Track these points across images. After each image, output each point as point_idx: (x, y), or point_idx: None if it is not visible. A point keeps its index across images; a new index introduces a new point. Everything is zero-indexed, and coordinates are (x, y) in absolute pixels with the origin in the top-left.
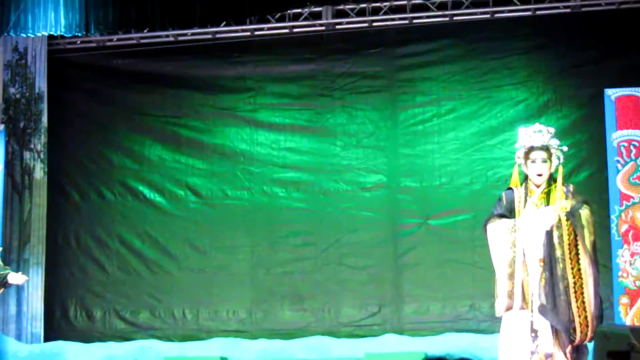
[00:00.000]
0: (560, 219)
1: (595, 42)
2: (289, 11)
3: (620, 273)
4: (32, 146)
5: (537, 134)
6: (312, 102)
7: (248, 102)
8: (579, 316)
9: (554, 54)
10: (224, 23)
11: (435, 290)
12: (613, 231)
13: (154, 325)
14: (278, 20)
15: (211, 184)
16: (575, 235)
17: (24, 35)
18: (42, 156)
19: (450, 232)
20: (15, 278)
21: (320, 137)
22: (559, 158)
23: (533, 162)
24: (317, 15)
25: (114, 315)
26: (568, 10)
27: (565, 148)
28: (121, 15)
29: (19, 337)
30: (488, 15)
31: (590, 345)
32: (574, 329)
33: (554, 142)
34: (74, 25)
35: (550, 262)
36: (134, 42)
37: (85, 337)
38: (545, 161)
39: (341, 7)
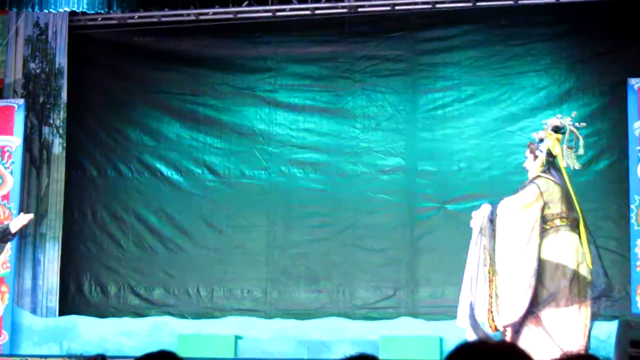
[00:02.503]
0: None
1: (619, 30)
2: None
3: (638, 263)
4: (51, 121)
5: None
6: (332, 84)
7: (268, 82)
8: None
9: (577, 42)
10: (246, 3)
11: (451, 274)
12: (632, 220)
13: (168, 302)
14: (300, 2)
15: (229, 163)
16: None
17: (46, 11)
18: (60, 131)
19: (468, 217)
20: (17, 223)
21: (339, 119)
22: (541, 152)
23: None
24: None
25: (129, 291)
26: None
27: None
28: None
29: (34, 311)
30: (511, 2)
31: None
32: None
33: (537, 136)
34: (96, 2)
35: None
36: (155, 20)
37: (100, 312)
38: (526, 158)
39: None
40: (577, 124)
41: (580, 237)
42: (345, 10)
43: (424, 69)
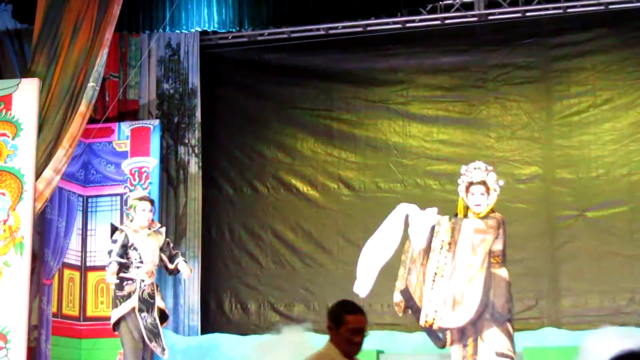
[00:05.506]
0: None
1: None
2: (440, 2)
3: None
4: (186, 141)
5: (476, 170)
6: (465, 94)
7: (400, 94)
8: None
9: None
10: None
11: (594, 283)
12: None
13: (309, 317)
14: (429, 12)
15: (364, 177)
16: None
17: (178, 32)
18: (196, 151)
19: (609, 224)
20: (183, 267)
21: (473, 129)
22: (495, 190)
23: (472, 194)
24: (469, 6)
25: (269, 308)
26: None
27: (502, 182)
28: (275, 11)
29: (176, 330)
30: None
31: None
32: None
33: (491, 178)
34: (227, 21)
35: None
36: (285, 36)
37: (241, 330)
38: (482, 194)
39: None
40: None
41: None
42: (475, 18)
43: (557, 75)
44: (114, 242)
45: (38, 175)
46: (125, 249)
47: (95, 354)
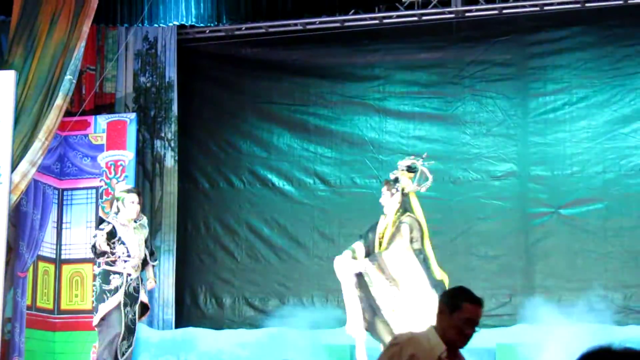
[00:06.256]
0: None
1: None
2: None
3: None
4: (162, 134)
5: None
6: (442, 90)
7: (377, 90)
8: None
9: None
10: (352, 11)
11: (567, 280)
12: None
13: (283, 312)
14: (407, 8)
15: (340, 172)
16: None
17: (156, 26)
18: (172, 144)
19: (583, 222)
20: (150, 279)
21: (449, 126)
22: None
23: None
24: (446, 3)
25: (244, 303)
26: None
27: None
28: (252, 6)
29: (150, 324)
30: (621, 1)
31: None
32: None
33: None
34: (205, 15)
35: None
36: (263, 30)
37: (215, 324)
38: (384, 194)
39: None
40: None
41: None
42: (452, 15)
43: (533, 73)
44: (101, 230)
45: (14, 167)
46: (111, 236)
47: (69, 347)
